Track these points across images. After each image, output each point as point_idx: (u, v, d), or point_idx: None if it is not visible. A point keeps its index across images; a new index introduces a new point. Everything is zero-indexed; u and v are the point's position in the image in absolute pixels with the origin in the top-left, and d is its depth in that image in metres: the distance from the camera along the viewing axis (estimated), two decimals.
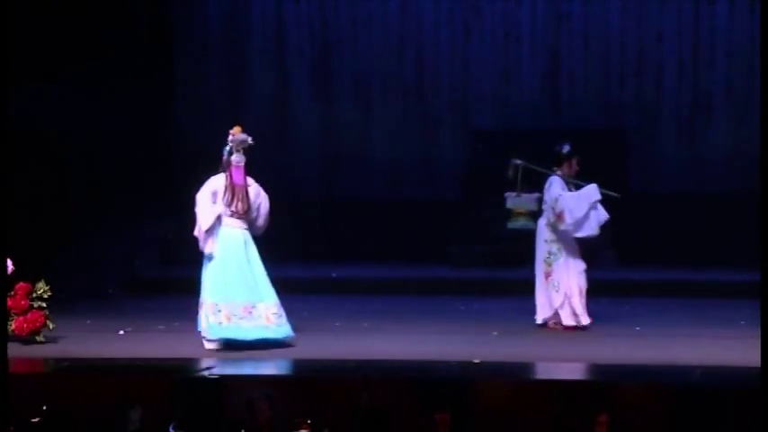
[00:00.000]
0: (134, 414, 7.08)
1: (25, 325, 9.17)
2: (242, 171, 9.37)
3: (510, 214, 10.07)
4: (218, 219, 9.32)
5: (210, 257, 9.31)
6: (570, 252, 9.84)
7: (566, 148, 9.97)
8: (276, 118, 14.75)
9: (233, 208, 9.30)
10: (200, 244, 9.38)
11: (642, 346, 9.27)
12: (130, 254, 13.05)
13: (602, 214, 9.80)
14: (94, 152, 12.99)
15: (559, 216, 9.73)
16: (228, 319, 9.08)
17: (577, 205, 9.70)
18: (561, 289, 9.80)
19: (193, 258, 13.35)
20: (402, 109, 14.53)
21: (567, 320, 9.81)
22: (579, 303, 9.79)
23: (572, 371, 8.19)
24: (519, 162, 10.01)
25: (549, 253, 9.87)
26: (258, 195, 9.49)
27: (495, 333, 9.84)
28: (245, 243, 9.32)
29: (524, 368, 8.20)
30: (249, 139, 9.50)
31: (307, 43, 14.66)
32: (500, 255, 13.41)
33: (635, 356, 8.82)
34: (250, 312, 9.14)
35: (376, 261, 13.45)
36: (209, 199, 9.38)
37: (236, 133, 9.50)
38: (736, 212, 13.72)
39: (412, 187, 14.37)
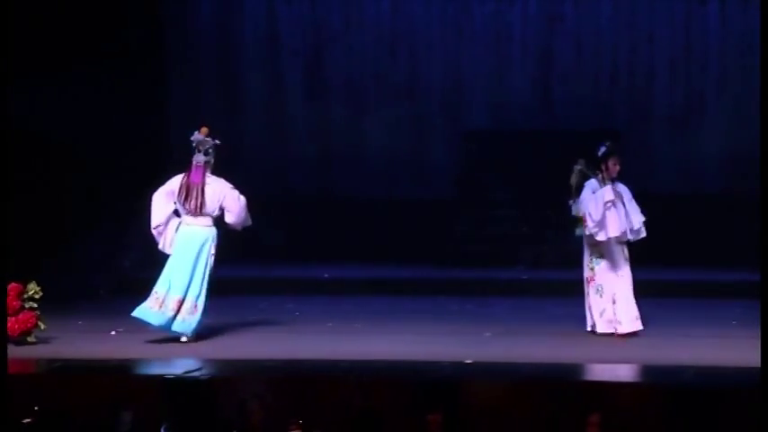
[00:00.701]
0: (126, 415, 7.07)
1: (17, 326, 9.16)
2: (201, 170, 9.58)
3: (576, 222, 9.90)
4: (178, 216, 9.45)
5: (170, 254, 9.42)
6: (613, 256, 9.63)
7: (601, 150, 9.76)
8: (270, 119, 14.76)
9: (186, 206, 9.51)
10: (156, 240, 9.55)
11: (634, 346, 9.27)
12: (122, 255, 13.02)
13: (627, 215, 9.54)
14: (86, 153, 12.96)
15: (584, 220, 9.65)
16: (159, 306, 9.40)
17: (595, 208, 9.58)
18: (605, 294, 9.62)
19: None
20: (395, 109, 14.54)
21: (605, 327, 9.60)
22: (621, 310, 9.54)
23: (564, 371, 8.18)
24: (580, 167, 9.89)
25: (592, 258, 9.73)
26: (219, 193, 9.56)
27: (487, 334, 9.84)
28: (202, 240, 9.46)
29: (517, 368, 8.20)
30: (210, 141, 9.62)
31: (300, 44, 14.67)
32: (493, 255, 13.43)
33: (627, 356, 8.83)
34: (179, 306, 9.38)
35: (369, 261, 13.45)
36: (164, 198, 9.62)
37: (199, 134, 9.65)
38: (728, 213, 13.76)
39: (405, 187, 14.38)
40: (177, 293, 9.45)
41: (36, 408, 6.99)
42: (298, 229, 13.94)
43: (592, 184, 9.71)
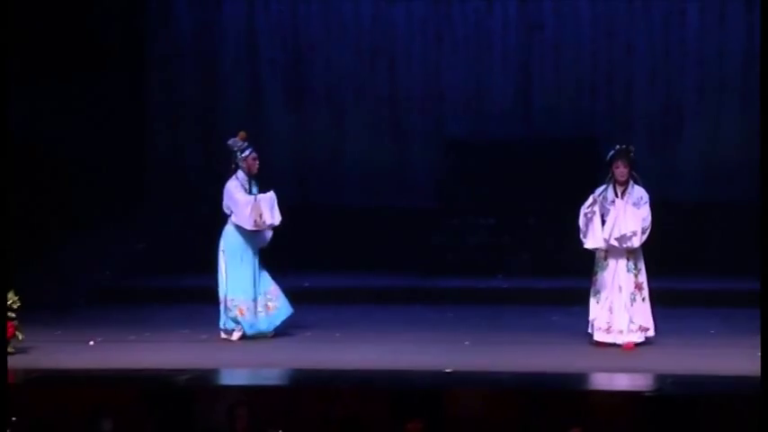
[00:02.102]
0: (106, 425, 7.05)
1: None
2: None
3: None
4: None
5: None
6: (615, 265, 9.52)
7: (609, 154, 9.67)
8: (249, 126, 14.66)
9: None
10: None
11: (613, 355, 9.29)
12: (101, 264, 12.99)
13: (617, 222, 9.44)
14: (64, 162, 12.92)
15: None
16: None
17: (581, 215, 9.56)
18: (602, 302, 9.56)
19: (164, 268, 13.40)
20: (375, 117, 14.53)
21: (599, 335, 9.53)
22: (618, 320, 9.45)
23: (543, 380, 8.20)
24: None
25: (597, 264, 9.67)
26: (226, 193, 10.11)
27: (467, 342, 9.85)
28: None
29: (496, 377, 8.20)
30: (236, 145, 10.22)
31: (279, 53, 14.65)
32: (472, 264, 13.44)
33: (606, 365, 8.84)
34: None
35: (348, 270, 13.43)
36: None
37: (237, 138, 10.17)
38: (707, 221, 13.81)
39: (385, 196, 14.36)
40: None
41: (14, 419, 6.96)
42: (277, 237, 13.86)
43: (598, 190, 9.60)
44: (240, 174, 10.19)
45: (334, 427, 7.05)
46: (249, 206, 9.96)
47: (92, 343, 9.88)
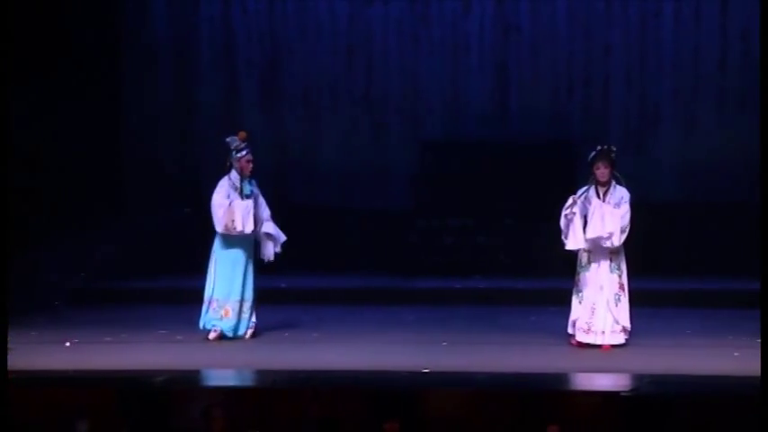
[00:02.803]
0: (81, 426, 7.02)
1: None
2: None
3: None
4: None
5: None
6: (599, 266, 9.49)
7: (590, 156, 9.63)
8: (225, 128, 14.67)
9: None
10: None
11: (590, 355, 9.31)
12: (76, 265, 12.93)
13: (585, 227, 9.42)
14: (41, 164, 12.86)
15: None
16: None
17: (561, 218, 9.54)
18: (585, 302, 9.52)
19: (140, 269, 13.35)
20: (351, 119, 14.53)
21: (579, 335, 9.51)
22: (599, 320, 9.42)
23: (520, 380, 8.21)
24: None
25: (580, 264, 9.65)
26: None
27: (444, 343, 9.85)
28: None
29: (473, 378, 8.21)
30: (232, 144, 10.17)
31: (256, 54, 14.63)
32: (449, 264, 13.45)
33: (583, 365, 8.86)
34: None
35: (325, 271, 13.43)
36: None
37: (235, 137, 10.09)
38: (682, 221, 13.86)
39: (362, 197, 14.37)
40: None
41: None
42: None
43: (581, 191, 9.58)
44: (233, 173, 10.13)
45: (312, 428, 7.04)
46: (222, 209, 9.93)
47: (68, 344, 9.83)
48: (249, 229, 9.95)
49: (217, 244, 10.06)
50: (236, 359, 9.19)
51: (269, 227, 10.16)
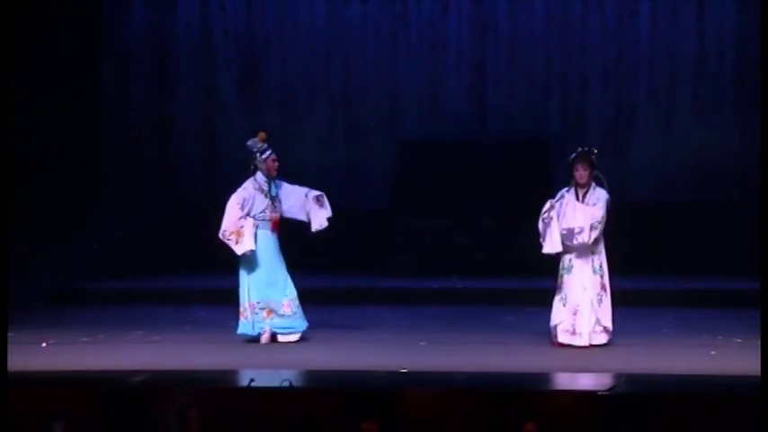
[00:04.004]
0: (57, 427, 6.99)
1: None
2: None
3: None
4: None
5: None
6: (581, 267, 9.48)
7: (570, 157, 9.61)
8: (204, 128, 14.68)
9: None
10: None
11: (568, 355, 9.33)
12: (53, 265, 12.88)
13: (558, 230, 9.36)
14: (17, 162, 12.79)
15: None
16: None
17: (539, 222, 9.53)
18: (568, 304, 9.49)
19: (116, 271, 13.30)
20: (329, 119, 14.52)
21: (562, 337, 9.49)
22: (582, 322, 9.40)
23: (498, 380, 8.22)
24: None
25: (562, 266, 9.64)
26: None
27: (422, 343, 9.85)
28: None
29: (451, 377, 8.21)
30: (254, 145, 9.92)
31: (233, 54, 14.60)
32: (428, 264, 13.46)
33: (561, 365, 8.88)
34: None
35: (303, 271, 13.38)
36: None
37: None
38: (658, 222, 13.91)
39: (340, 197, 14.29)
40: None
41: None
42: None
43: (562, 190, 9.58)
44: (259, 175, 10.00)
45: (289, 428, 7.02)
46: (232, 220, 9.77)
47: (44, 344, 9.79)
48: (240, 251, 9.81)
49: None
50: (213, 360, 9.16)
51: (314, 193, 10.03)
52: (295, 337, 9.85)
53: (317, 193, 10.01)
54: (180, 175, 14.66)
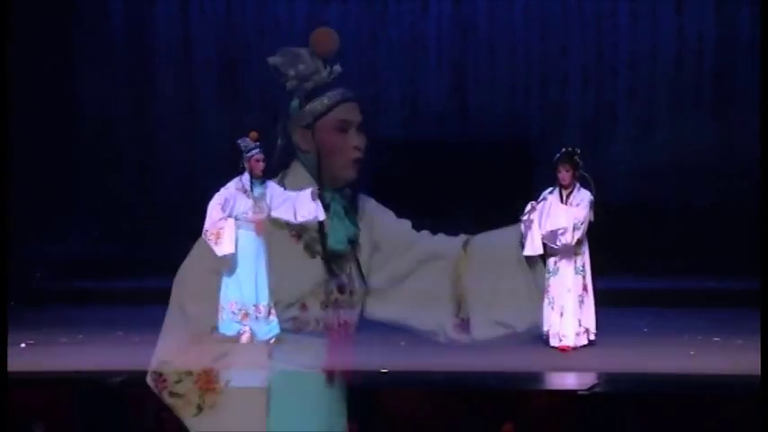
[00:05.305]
0: (37, 428, 6.97)
1: None
2: None
3: None
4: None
5: None
6: (564, 269, 9.52)
7: (555, 158, 9.60)
8: (183, 128, 14.66)
9: None
10: None
11: (547, 355, 9.35)
12: (31, 265, 12.84)
13: (540, 232, 9.36)
14: None
15: None
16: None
17: (521, 225, 9.49)
18: (556, 306, 9.52)
19: (96, 271, 13.27)
20: None
21: (554, 341, 9.50)
22: (566, 323, 9.45)
23: (477, 380, 8.23)
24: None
25: (548, 269, 9.60)
26: None
27: (402, 343, 9.85)
28: None
29: (431, 377, 8.22)
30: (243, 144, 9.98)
31: (213, 52, 14.58)
32: None
33: (539, 364, 8.90)
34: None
35: None
36: None
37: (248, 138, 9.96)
38: (638, 222, 13.96)
39: None
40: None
41: None
42: None
43: (546, 191, 9.54)
44: (245, 175, 10.03)
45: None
46: (212, 220, 9.76)
47: (23, 345, 9.76)
48: (221, 253, 9.79)
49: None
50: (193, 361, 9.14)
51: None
52: (272, 339, 9.84)
53: (310, 189, 9.97)
54: (157, 174, 14.63)
